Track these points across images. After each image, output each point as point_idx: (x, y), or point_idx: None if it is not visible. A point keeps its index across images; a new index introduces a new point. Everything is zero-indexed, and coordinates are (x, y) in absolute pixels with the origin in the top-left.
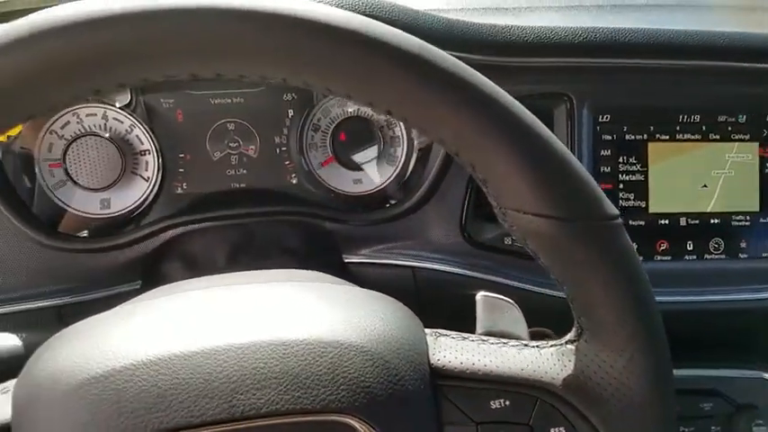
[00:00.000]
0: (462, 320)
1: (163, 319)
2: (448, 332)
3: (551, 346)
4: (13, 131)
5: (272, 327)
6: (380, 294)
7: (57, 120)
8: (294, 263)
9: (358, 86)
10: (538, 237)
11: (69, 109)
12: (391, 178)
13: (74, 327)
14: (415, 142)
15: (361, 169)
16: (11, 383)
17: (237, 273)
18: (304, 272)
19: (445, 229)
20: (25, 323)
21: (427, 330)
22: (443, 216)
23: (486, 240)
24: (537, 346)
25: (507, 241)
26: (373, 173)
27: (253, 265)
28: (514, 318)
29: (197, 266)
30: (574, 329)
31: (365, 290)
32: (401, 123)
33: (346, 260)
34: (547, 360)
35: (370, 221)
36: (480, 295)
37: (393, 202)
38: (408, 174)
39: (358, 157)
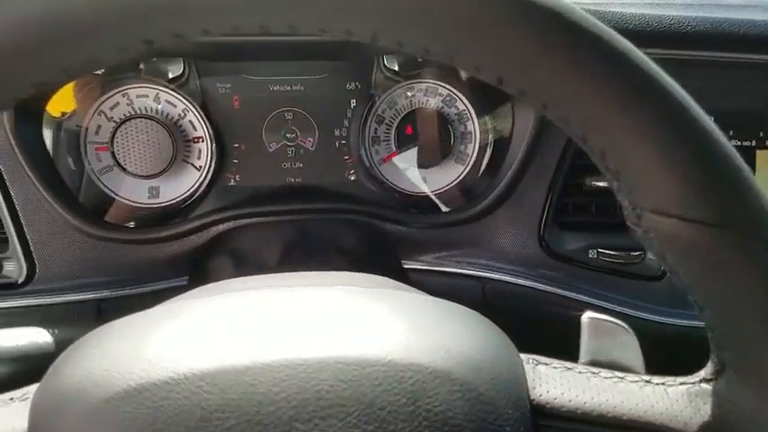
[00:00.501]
0: (540, 343)
1: (212, 323)
2: (548, 360)
3: (681, 384)
4: (68, 107)
5: (342, 341)
6: (465, 309)
7: (106, 100)
8: (349, 265)
9: (465, 44)
10: (683, 247)
11: (120, 89)
12: (460, 177)
13: (109, 325)
14: (490, 137)
15: (430, 166)
16: (31, 389)
17: (296, 273)
18: (370, 276)
19: (520, 236)
20: (61, 317)
21: (522, 356)
22: (519, 222)
23: (567, 252)
24: (663, 384)
25: (593, 254)
26: (440, 171)
27: (306, 266)
28: (628, 345)
29: (247, 264)
30: (710, 365)
31: (447, 302)
32: (473, 117)
33: (405, 266)
34: (676, 401)
35: (434, 224)
36: (587, 317)
37: (461, 204)
38: (480, 173)
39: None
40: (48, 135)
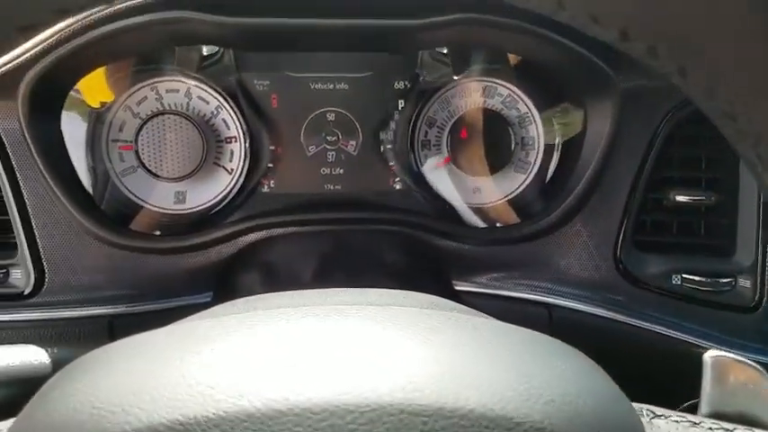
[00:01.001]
0: (621, 384)
1: (238, 350)
2: (663, 411)
3: None
4: (107, 96)
5: (410, 382)
6: (561, 343)
7: (132, 94)
8: (393, 284)
9: None
10: None
11: (148, 81)
12: (521, 188)
13: (111, 347)
14: (557, 141)
15: (486, 174)
16: (5, 425)
17: (339, 289)
18: (431, 297)
19: (593, 257)
20: (69, 333)
21: (634, 406)
22: (591, 240)
23: (647, 276)
24: None
25: (676, 280)
26: (499, 180)
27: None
28: (759, 392)
29: (279, 279)
30: None
31: (539, 334)
32: (537, 120)
33: (457, 287)
34: None
35: (491, 240)
36: (710, 356)
37: (522, 218)
38: (545, 183)
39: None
40: (81, 128)
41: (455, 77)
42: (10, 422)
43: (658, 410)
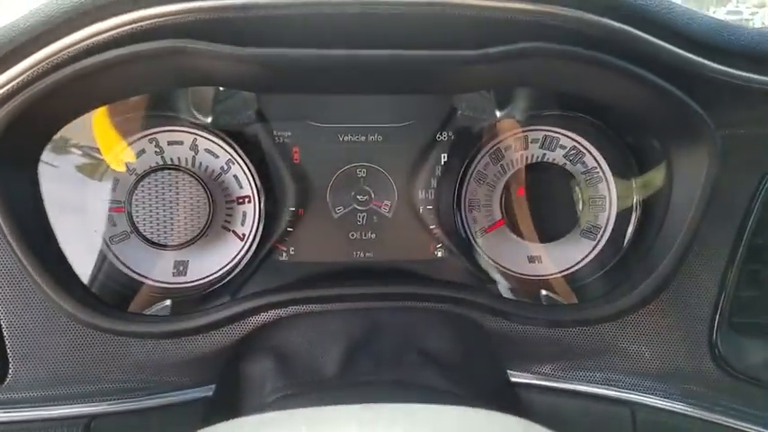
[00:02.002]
0: None
1: None
2: None
3: None
4: (132, 157)
5: None
6: None
7: (129, 145)
8: (437, 375)
9: None
10: None
11: (147, 132)
12: (590, 257)
13: None
14: (634, 200)
15: (546, 240)
16: None
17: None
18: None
19: (683, 343)
20: None
21: None
22: (679, 323)
23: (751, 367)
24: None
25: None
26: (563, 248)
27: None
28: None
29: (296, 370)
30: None
31: None
32: (608, 177)
33: (515, 379)
34: None
35: (554, 322)
36: None
37: (593, 294)
38: (623, 252)
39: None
40: (78, 188)
41: (498, 113)
42: None
43: None
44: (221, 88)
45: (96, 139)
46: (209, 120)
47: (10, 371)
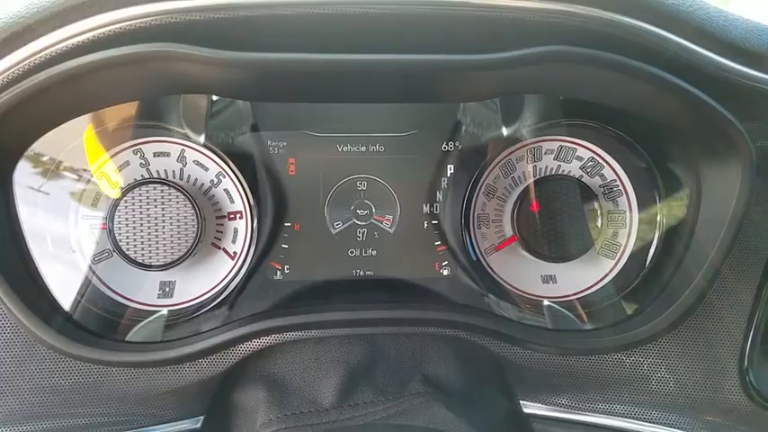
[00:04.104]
0: None
1: None
2: None
3: None
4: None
5: None
6: None
7: (111, 158)
8: (442, 406)
9: None
10: None
11: (132, 143)
12: (609, 279)
13: None
14: (658, 216)
15: (562, 260)
16: None
17: None
18: None
19: (713, 373)
20: None
21: None
22: (709, 350)
23: None
24: None
25: None
26: (581, 267)
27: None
28: None
29: (290, 399)
30: None
31: None
32: (629, 190)
33: (528, 410)
34: None
35: (571, 349)
36: None
37: (613, 318)
38: (645, 273)
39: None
40: (57, 202)
41: (505, 130)
42: None
43: None
44: (214, 99)
45: (87, 153)
46: (202, 138)
47: None
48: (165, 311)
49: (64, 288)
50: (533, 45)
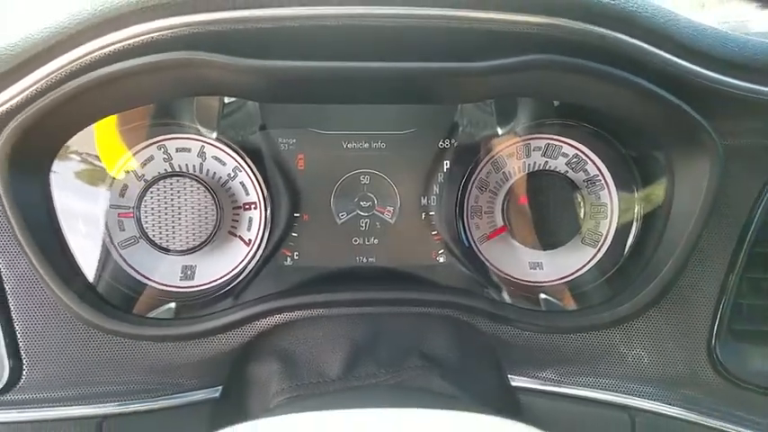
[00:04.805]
0: None
1: None
2: None
3: None
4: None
5: None
6: None
7: (137, 153)
8: (437, 379)
9: None
10: None
11: (155, 139)
12: (591, 264)
13: None
14: (636, 208)
15: (547, 248)
16: None
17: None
18: None
19: (683, 350)
20: None
21: None
22: (679, 329)
23: (750, 374)
24: None
25: None
26: (564, 255)
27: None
28: None
29: (300, 372)
30: None
31: None
32: (610, 184)
33: (515, 383)
34: None
35: (554, 327)
36: None
37: (593, 300)
38: (623, 260)
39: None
40: (88, 193)
41: (499, 130)
42: None
43: None
44: (226, 101)
45: (97, 148)
46: (214, 135)
47: (24, 373)
48: (173, 305)
49: (96, 271)
50: (519, 54)
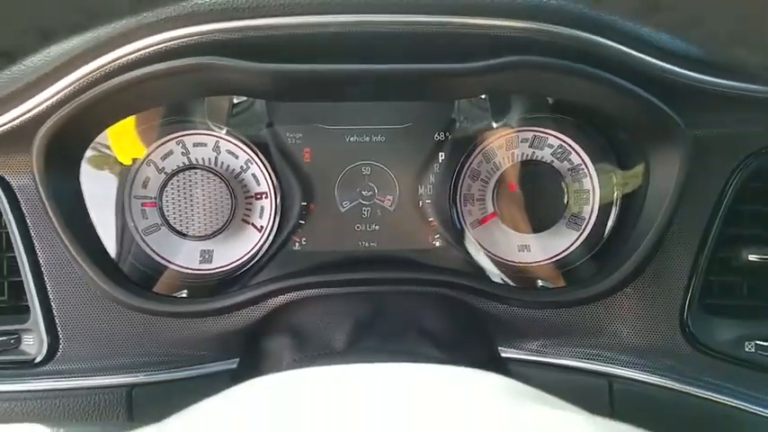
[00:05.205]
0: None
1: None
2: None
3: None
4: (140, 153)
5: None
6: None
7: (158, 148)
8: (434, 350)
9: None
10: None
11: (174, 135)
12: (574, 246)
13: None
14: (615, 193)
15: (534, 231)
16: None
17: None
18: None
19: (657, 322)
20: (83, 404)
21: None
22: (654, 304)
23: (717, 344)
24: None
25: (749, 347)
26: (550, 237)
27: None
28: None
29: (309, 344)
30: None
31: None
32: (592, 173)
33: (505, 354)
34: None
35: (540, 303)
36: None
37: (576, 278)
38: (604, 241)
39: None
40: (102, 184)
41: (494, 124)
42: None
43: None
44: (235, 101)
45: (116, 144)
46: (224, 131)
47: (60, 346)
48: (184, 293)
49: (121, 256)
50: (502, 55)
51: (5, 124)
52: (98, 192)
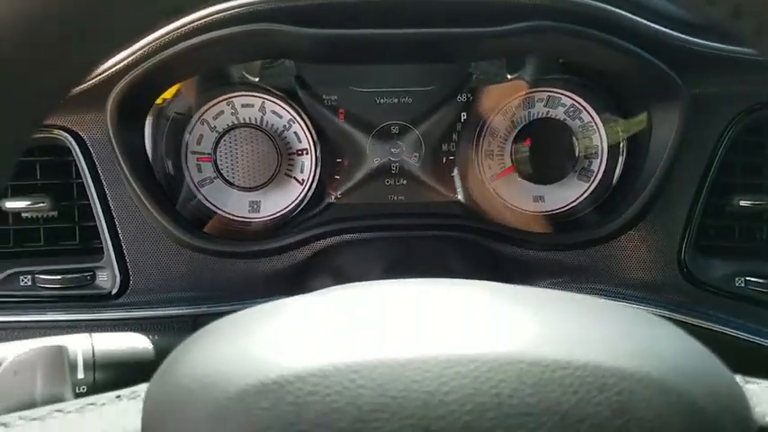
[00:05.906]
0: None
1: (362, 313)
2: (755, 379)
3: None
4: (169, 94)
5: (523, 337)
6: (658, 318)
7: (209, 109)
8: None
9: None
10: None
11: (224, 97)
12: (584, 197)
13: (230, 319)
14: (621, 148)
15: (549, 182)
16: (141, 387)
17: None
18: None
19: (658, 261)
20: (156, 331)
21: None
22: (655, 245)
23: (711, 280)
24: None
25: (739, 282)
26: (562, 188)
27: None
28: None
29: (348, 282)
30: None
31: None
32: (600, 130)
33: None
34: None
35: (553, 246)
36: None
37: (586, 224)
38: (611, 190)
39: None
40: (147, 123)
41: (509, 76)
42: (144, 385)
43: (749, 378)
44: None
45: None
46: (257, 79)
47: (131, 281)
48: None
49: (180, 203)
50: (523, 20)
51: (80, 86)
52: (158, 146)
